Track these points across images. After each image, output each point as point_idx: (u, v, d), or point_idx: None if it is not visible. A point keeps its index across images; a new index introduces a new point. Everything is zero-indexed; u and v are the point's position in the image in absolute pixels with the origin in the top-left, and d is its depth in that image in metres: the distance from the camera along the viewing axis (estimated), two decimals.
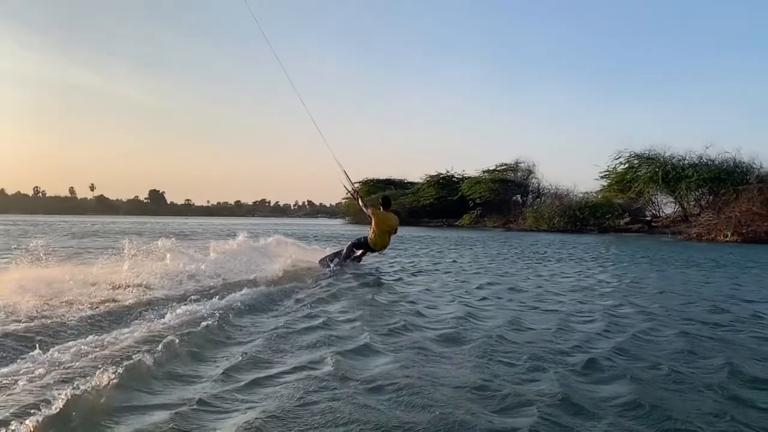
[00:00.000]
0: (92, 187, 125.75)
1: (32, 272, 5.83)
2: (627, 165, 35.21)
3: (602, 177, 37.04)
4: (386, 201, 9.29)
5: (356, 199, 9.91)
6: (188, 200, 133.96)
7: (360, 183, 50.99)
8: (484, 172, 46.71)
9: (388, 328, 4.14)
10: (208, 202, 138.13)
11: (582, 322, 4.66)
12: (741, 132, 78.69)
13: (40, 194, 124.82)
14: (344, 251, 9.09)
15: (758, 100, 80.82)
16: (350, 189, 9.96)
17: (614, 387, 2.88)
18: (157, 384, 2.77)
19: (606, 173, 36.73)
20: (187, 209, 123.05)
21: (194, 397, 2.56)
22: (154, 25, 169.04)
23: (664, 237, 26.51)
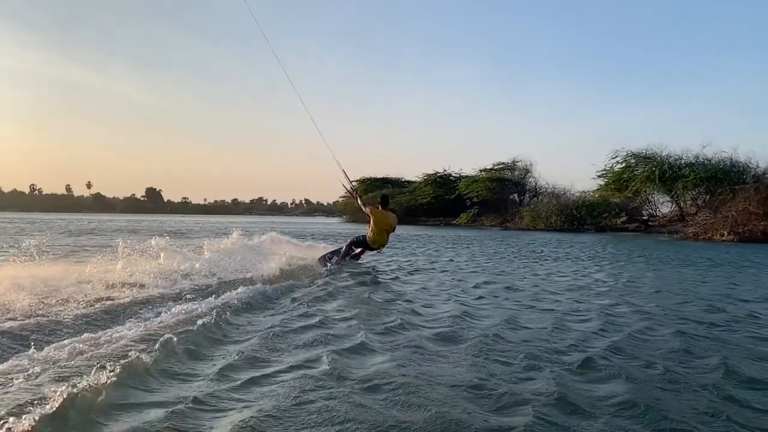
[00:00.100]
0: (89, 185, 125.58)
1: (28, 270, 5.81)
2: (624, 164, 35.26)
3: (599, 176, 37.15)
4: (385, 200, 9.39)
5: (355, 198, 9.95)
6: (185, 198, 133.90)
7: (357, 181, 51.01)
8: (481, 170, 46.75)
9: (384, 327, 4.14)
10: (205, 200, 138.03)
11: (578, 321, 4.67)
12: (741, 132, 78.99)
13: (37, 192, 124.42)
14: (343, 249, 9.15)
15: (758, 100, 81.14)
16: (349, 188, 10.02)
17: (610, 386, 2.89)
18: (153, 382, 2.76)
19: (603, 172, 36.79)
20: (184, 207, 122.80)
21: (190, 395, 2.56)
22: (153, 25, 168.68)
23: (661, 236, 26.57)
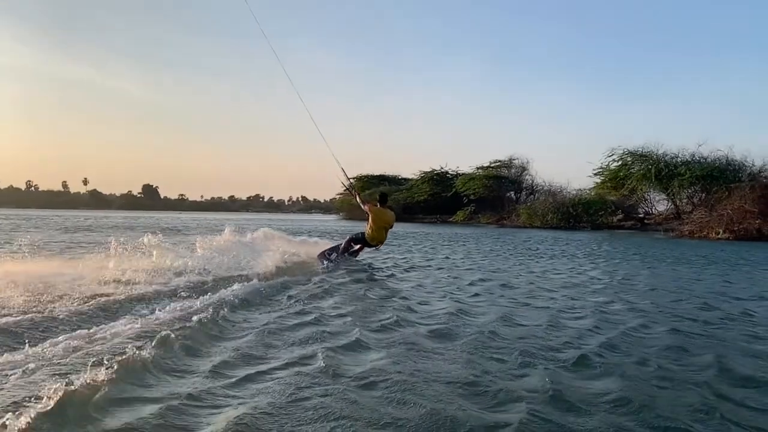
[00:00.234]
0: (85, 182, 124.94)
1: (23, 266, 5.80)
2: (620, 162, 35.30)
3: (595, 174, 37.17)
4: (383, 197, 9.46)
5: (353, 195, 10.00)
6: (182, 195, 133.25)
7: (354, 179, 50.91)
8: (478, 168, 46.71)
9: (380, 324, 4.15)
10: (202, 197, 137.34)
11: (573, 319, 4.69)
12: (740, 132, 79.10)
13: (33, 188, 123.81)
14: (342, 245, 9.19)
15: (758, 100, 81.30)
16: (348, 185, 10.07)
17: (604, 383, 2.90)
18: (150, 378, 2.76)
19: (599, 170, 36.82)
20: (180, 204, 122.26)
21: (186, 391, 2.56)
22: (151, 22, 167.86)
23: (657, 234, 26.67)
